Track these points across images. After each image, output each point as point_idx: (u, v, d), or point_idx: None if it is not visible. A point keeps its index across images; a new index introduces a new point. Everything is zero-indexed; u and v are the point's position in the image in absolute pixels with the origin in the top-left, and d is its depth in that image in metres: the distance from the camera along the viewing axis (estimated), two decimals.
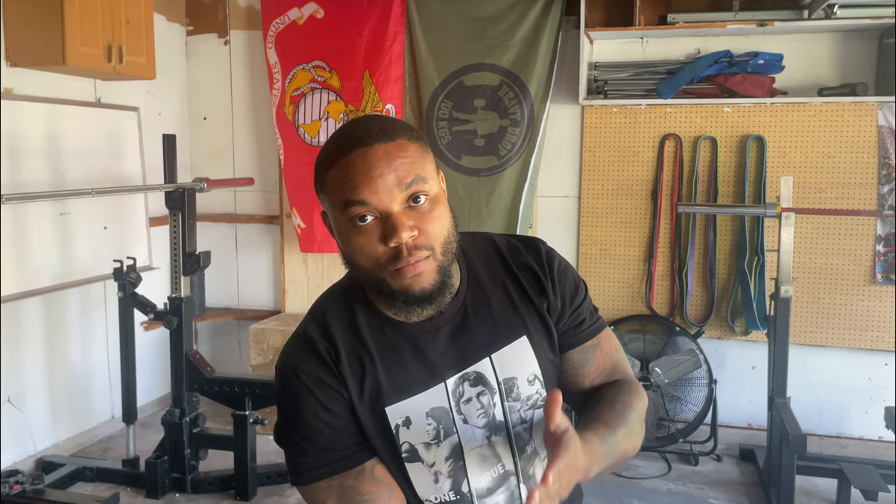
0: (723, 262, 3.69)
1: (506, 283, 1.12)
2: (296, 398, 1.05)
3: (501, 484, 1.10)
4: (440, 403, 1.06)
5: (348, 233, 0.98)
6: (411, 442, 1.06)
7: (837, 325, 3.59)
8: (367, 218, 0.96)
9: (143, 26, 3.52)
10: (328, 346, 1.06)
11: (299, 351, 1.07)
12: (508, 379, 1.08)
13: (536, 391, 1.10)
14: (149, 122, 3.99)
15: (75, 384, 3.67)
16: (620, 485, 3.31)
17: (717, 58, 3.51)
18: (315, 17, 4.00)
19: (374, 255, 0.97)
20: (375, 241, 0.97)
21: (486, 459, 1.09)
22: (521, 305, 1.11)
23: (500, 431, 1.09)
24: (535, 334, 1.11)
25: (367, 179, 0.95)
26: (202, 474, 3.25)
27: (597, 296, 3.88)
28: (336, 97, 4.00)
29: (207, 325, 4.43)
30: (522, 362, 1.09)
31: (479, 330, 1.08)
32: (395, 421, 1.05)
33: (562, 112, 3.84)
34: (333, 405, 1.04)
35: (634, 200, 3.78)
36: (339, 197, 0.97)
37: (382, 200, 0.95)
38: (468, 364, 1.07)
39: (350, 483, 1.04)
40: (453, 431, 1.07)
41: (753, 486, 3.28)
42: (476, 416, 1.07)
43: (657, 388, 3.58)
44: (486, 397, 1.07)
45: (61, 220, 3.43)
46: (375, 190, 0.95)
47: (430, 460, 1.06)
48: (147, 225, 3.94)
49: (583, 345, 1.16)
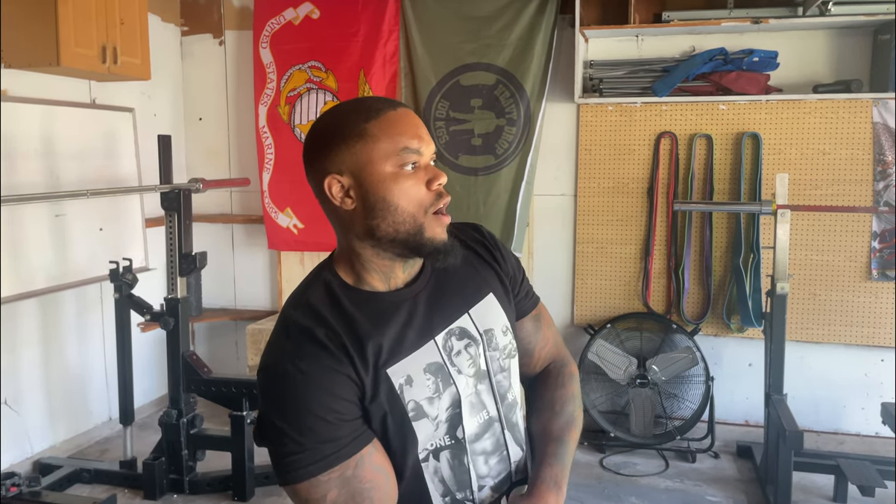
0: (719, 260, 3.70)
1: (465, 254, 1.23)
2: (295, 392, 1.05)
3: (487, 429, 1.18)
4: (434, 359, 1.13)
5: (395, 178, 1.07)
6: (416, 399, 1.10)
7: (833, 322, 3.59)
8: (412, 165, 1.08)
9: (137, 27, 3.51)
10: (326, 331, 1.08)
11: (292, 343, 1.08)
12: (487, 330, 1.19)
13: (510, 341, 1.23)
14: (144, 122, 3.98)
15: (72, 386, 3.67)
16: (618, 482, 3.31)
17: (712, 55, 3.52)
18: (311, 17, 4.00)
19: (419, 197, 1.08)
20: (421, 184, 1.09)
21: (474, 406, 1.16)
22: (481, 270, 1.25)
23: (484, 379, 1.18)
24: (498, 293, 1.24)
25: (417, 131, 1.09)
26: (200, 475, 3.25)
27: (593, 294, 3.89)
28: (332, 97, 4.00)
29: (204, 325, 4.42)
30: (496, 315, 1.21)
31: (453, 292, 1.19)
32: (398, 381, 1.09)
33: (557, 110, 3.85)
34: (339, 389, 1.06)
35: (630, 198, 3.79)
36: (393, 143, 1.07)
37: (427, 150, 1.10)
38: (451, 321, 1.17)
39: (351, 473, 1.05)
40: (451, 383, 1.13)
41: (751, 483, 3.29)
42: (467, 366, 1.16)
43: (654, 386, 3.58)
44: (472, 348, 1.17)
45: (57, 221, 3.42)
46: (423, 141, 1.09)
47: (433, 414, 1.12)
48: (143, 226, 3.94)
49: (531, 314, 1.32)
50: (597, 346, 3.65)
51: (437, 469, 1.14)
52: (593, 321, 3.85)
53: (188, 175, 4.25)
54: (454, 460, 1.14)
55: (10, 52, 3.14)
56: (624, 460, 3.55)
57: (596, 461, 3.52)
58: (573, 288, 3.92)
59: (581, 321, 3.90)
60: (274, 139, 4.09)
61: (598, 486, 3.28)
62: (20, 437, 3.39)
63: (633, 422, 3.62)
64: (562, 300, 3.95)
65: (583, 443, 3.67)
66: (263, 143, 4.12)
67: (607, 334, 3.71)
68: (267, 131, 4.10)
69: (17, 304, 3.29)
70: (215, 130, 4.36)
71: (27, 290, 3.28)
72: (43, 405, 3.52)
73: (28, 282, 3.28)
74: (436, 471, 1.14)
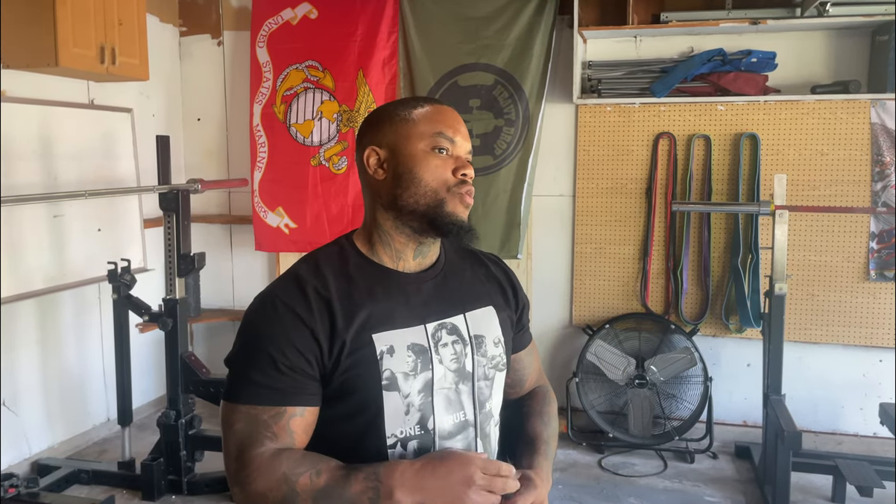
0: (717, 260, 3.70)
1: (475, 267, 1.34)
2: (262, 323, 1.14)
3: (461, 431, 1.21)
4: (420, 341, 1.19)
5: (425, 156, 1.19)
6: (392, 370, 1.15)
7: (832, 322, 3.60)
8: (443, 151, 1.20)
9: (136, 27, 3.50)
10: (317, 285, 1.16)
11: (284, 286, 1.18)
12: (478, 336, 1.25)
13: (500, 354, 1.28)
14: (142, 123, 3.97)
15: (70, 387, 3.66)
16: (617, 483, 3.31)
17: (710, 56, 3.52)
18: (308, 17, 3.99)
19: (444, 177, 1.19)
20: (448, 168, 1.19)
21: (451, 404, 1.20)
22: (488, 284, 1.33)
23: (467, 381, 1.22)
24: (499, 310, 1.31)
25: (456, 125, 1.22)
26: (198, 476, 3.25)
27: (592, 294, 3.89)
28: (329, 97, 3.99)
29: (203, 326, 4.42)
30: (490, 326, 1.28)
31: (456, 292, 1.27)
32: (380, 348, 1.15)
33: (556, 111, 3.85)
34: (298, 340, 1.12)
35: (629, 199, 3.79)
36: (431, 128, 1.20)
37: (461, 145, 1.22)
38: (446, 316, 1.23)
39: (263, 418, 1.12)
40: (429, 367, 1.18)
41: (749, 483, 3.29)
42: (450, 359, 1.21)
43: (653, 386, 3.58)
44: (459, 346, 1.22)
45: (55, 222, 3.41)
46: (460, 135, 1.22)
47: (406, 391, 1.16)
48: (141, 226, 3.93)
49: (527, 347, 1.42)
50: (595, 347, 3.65)
51: (402, 458, 1.15)
52: (592, 322, 3.85)
53: (186, 176, 4.24)
54: (421, 452, 1.17)
55: (9, 53, 3.14)
56: (622, 461, 3.55)
57: (594, 461, 3.52)
58: (572, 288, 3.92)
59: (580, 321, 3.90)
60: (268, 138, 4.08)
61: (597, 486, 3.28)
62: (18, 437, 3.39)
63: (632, 422, 3.62)
64: (560, 300, 3.96)
65: (581, 443, 3.67)
66: (257, 142, 4.11)
67: (606, 335, 3.71)
68: (261, 130, 4.09)
69: (16, 305, 3.29)
70: (214, 131, 4.36)
71: (25, 291, 3.28)
72: (41, 406, 3.51)
73: (26, 282, 3.28)
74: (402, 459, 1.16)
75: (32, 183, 3.28)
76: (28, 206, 3.23)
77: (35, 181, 3.30)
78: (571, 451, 3.63)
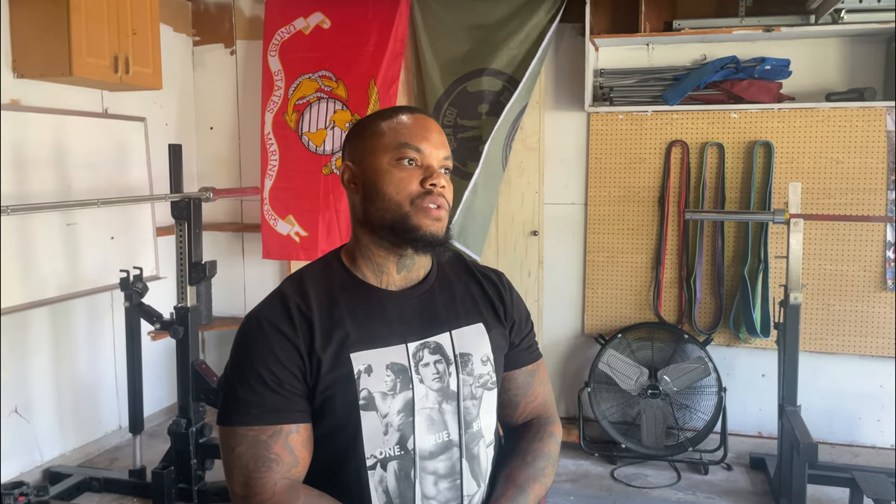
0: (731, 269, 3.67)
1: (469, 284, 1.31)
2: (249, 343, 1.15)
3: (444, 451, 1.18)
4: (400, 360, 1.17)
5: (389, 169, 1.17)
6: (370, 389, 1.14)
7: (848, 332, 3.55)
8: (412, 162, 1.17)
9: (149, 37, 3.53)
10: (300, 302, 1.17)
11: (270, 305, 1.19)
12: (465, 354, 1.22)
13: (488, 372, 1.24)
14: (155, 132, 4.00)
15: (82, 394, 3.67)
16: (629, 494, 3.28)
17: (723, 64, 3.50)
18: (321, 27, 4.01)
19: (409, 191, 1.16)
20: (414, 180, 1.17)
21: (434, 423, 1.18)
22: (481, 302, 1.29)
23: (451, 400, 1.19)
24: (490, 327, 1.27)
25: (423, 133, 1.19)
26: (208, 484, 3.24)
27: (604, 303, 3.86)
28: (342, 106, 4.00)
29: (214, 334, 4.43)
30: (478, 343, 1.24)
31: (443, 309, 1.24)
32: (357, 367, 1.14)
33: (567, 119, 3.84)
34: (285, 357, 1.13)
35: (641, 207, 3.77)
36: (395, 139, 1.17)
37: (430, 154, 1.18)
38: (430, 334, 1.21)
39: (263, 438, 1.12)
40: (409, 387, 1.16)
41: (764, 496, 3.25)
42: (431, 378, 1.18)
43: (666, 397, 3.55)
44: (442, 365, 1.20)
45: (68, 230, 3.43)
46: (428, 143, 1.18)
47: (384, 410, 1.14)
48: (154, 234, 3.95)
49: (527, 367, 1.35)
50: (607, 356, 3.62)
51: (382, 479, 1.15)
52: (604, 331, 3.82)
53: (199, 184, 4.27)
54: (401, 472, 1.16)
55: (23, 63, 3.17)
56: (635, 472, 3.51)
57: (607, 473, 3.49)
58: (583, 297, 3.90)
59: (591, 331, 3.87)
60: (279, 146, 4.08)
61: (609, 497, 3.25)
62: (30, 445, 3.40)
63: (645, 433, 3.59)
64: (572, 309, 3.93)
65: (593, 454, 3.64)
66: (268, 150, 4.12)
67: (618, 344, 3.68)
68: (272, 138, 4.10)
69: (28, 313, 3.31)
70: (226, 140, 4.38)
71: (38, 299, 3.29)
72: (53, 413, 3.53)
73: (39, 290, 3.30)
74: (381, 480, 1.15)
75: (46, 191, 3.30)
76: (41, 215, 3.26)
77: (49, 190, 3.32)
78: (583, 461, 3.60)
